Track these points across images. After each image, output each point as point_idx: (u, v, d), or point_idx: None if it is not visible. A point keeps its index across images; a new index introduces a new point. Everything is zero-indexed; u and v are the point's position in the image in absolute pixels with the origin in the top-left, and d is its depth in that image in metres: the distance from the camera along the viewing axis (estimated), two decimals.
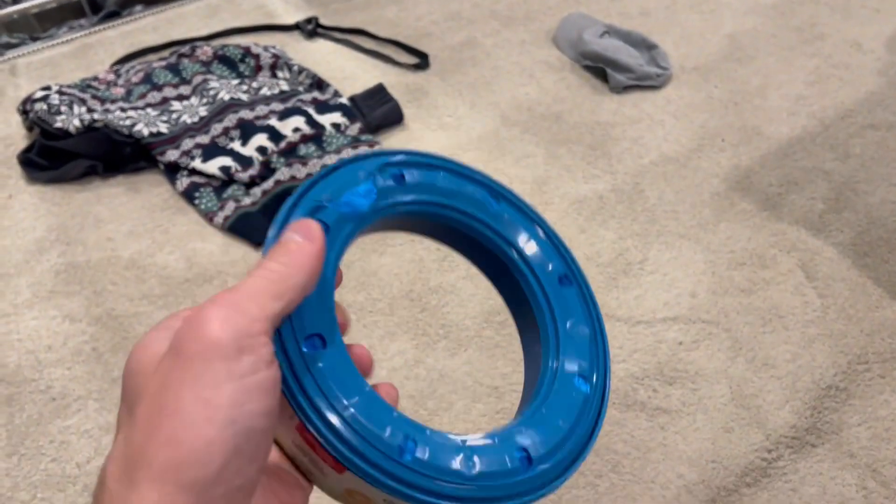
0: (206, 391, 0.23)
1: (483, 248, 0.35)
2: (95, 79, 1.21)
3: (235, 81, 1.22)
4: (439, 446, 0.28)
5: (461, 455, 0.28)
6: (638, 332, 0.92)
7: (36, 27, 1.55)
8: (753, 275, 0.99)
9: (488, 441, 0.29)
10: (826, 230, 1.06)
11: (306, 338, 0.27)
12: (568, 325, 0.33)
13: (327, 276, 0.29)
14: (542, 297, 0.34)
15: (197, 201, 1.04)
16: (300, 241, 0.27)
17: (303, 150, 1.09)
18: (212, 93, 1.17)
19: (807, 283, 0.98)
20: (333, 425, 0.27)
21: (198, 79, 1.21)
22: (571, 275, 0.34)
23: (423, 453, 0.28)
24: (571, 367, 0.32)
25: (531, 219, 0.35)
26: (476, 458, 0.28)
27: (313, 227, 0.28)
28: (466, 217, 0.34)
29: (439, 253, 0.99)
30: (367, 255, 0.98)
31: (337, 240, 0.30)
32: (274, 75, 1.25)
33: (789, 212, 1.09)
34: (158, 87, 1.20)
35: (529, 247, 0.34)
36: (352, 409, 0.27)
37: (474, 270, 0.34)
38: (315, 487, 0.31)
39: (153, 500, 0.22)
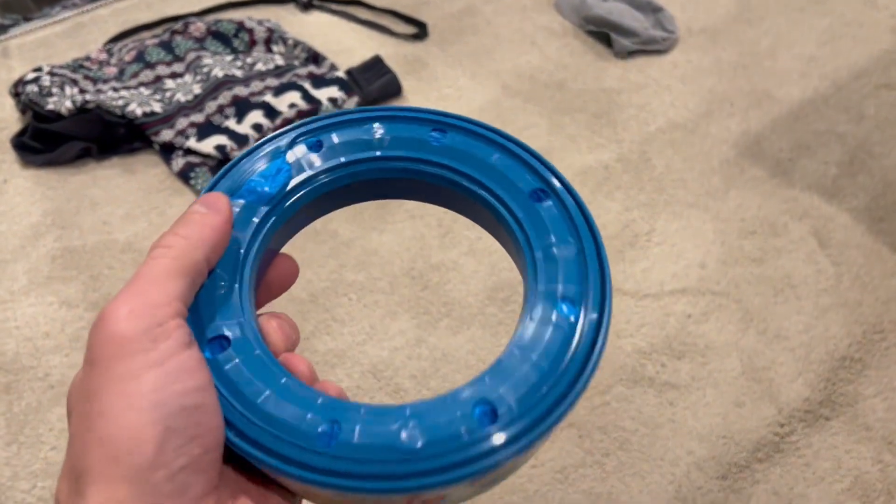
0: (127, 385, 0.23)
1: (432, 187, 0.31)
2: (87, 58, 1.19)
3: (229, 57, 1.19)
4: (374, 421, 0.24)
5: (401, 425, 0.24)
6: (645, 305, 0.89)
7: (31, 7, 1.52)
8: (764, 243, 0.96)
9: (440, 401, 0.24)
10: (840, 195, 1.03)
11: (208, 342, 0.25)
12: (550, 245, 0.28)
13: (236, 268, 0.27)
14: (512, 220, 0.29)
15: (193, 181, 1.02)
16: (204, 211, 0.26)
17: None
18: (206, 70, 1.15)
19: (820, 251, 0.96)
20: (245, 433, 0.24)
21: (191, 56, 1.18)
22: (547, 187, 0.30)
23: (352, 435, 0.24)
24: (552, 291, 0.27)
25: (490, 139, 0.31)
26: (422, 424, 0.24)
27: (220, 198, 0.27)
28: (405, 163, 0.30)
29: (440, 229, 0.97)
30: (366, 234, 0.96)
31: (243, 232, 0.27)
32: (269, 50, 1.22)
33: (801, 177, 1.05)
34: (151, 66, 1.17)
35: (487, 170, 0.30)
36: (263, 407, 0.25)
37: (477, 247, 0.31)
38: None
39: (98, 499, 0.22)
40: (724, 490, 0.75)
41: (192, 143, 1.05)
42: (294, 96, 1.10)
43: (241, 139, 1.05)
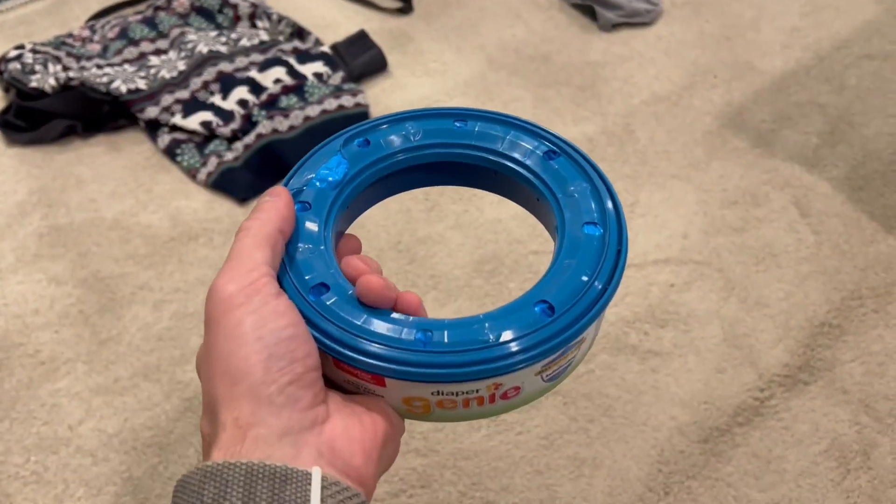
0: (232, 331, 0.29)
1: (463, 165, 0.38)
2: (70, 36, 1.18)
3: (214, 33, 1.18)
4: (457, 327, 0.30)
5: (480, 326, 0.30)
6: (628, 275, 0.91)
7: None
8: (746, 213, 0.98)
9: (506, 308, 0.31)
10: (820, 165, 1.04)
11: (310, 289, 0.32)
12: (566, 188, 0.35)
13: (321, 238, 0.33)
14: (534, 177, 0.36)
15: (179, 158, 1.02)
16: (269, 198, 0.34)
17: (284, 101, 1.07)
18: (190, 46, 1.14)
19: (800, 220, 0.97)
20: (356, 346, 0.30)
21: (175, 32, 1.18)
22: (557, 148, 0.37)
23: (442, 337, 0.30)
24: (578, 218, 0.34)
25: (504, 121, 0.38)
26: (497, 324, 0.30)
27: (279, 188, 0.35)
28: (440, 149, 0.37)
29: (427, 203, 0.97)
30: None
31: (321, 212, 0.34)
32: (253, 25, 1.22)
33: (783, 148, 1.06)
34: (135, 42, 1.16)
35: (507, 144, 0.37)
36: (366, 327, 0.31)
37: (463, 220, 0.37)
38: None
39: (228, 417, 0.28)
40: (705, 453, 0.77)
41: (177, 119, 1.05)
42: (279, 72, 1.10)
43: (226, 115, 1.05)
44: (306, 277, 0.32)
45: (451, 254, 0.92)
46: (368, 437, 0.31)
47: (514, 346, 0.30)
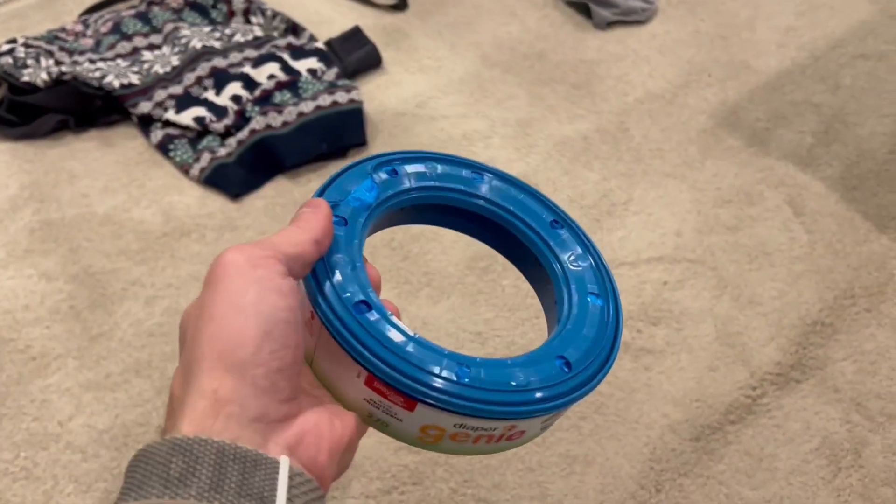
0: (233, 297, 0.28)
1: (475, 215, 0.40)
2: (63, 30, 1.17)
3: (207, 28, 1.18)
4: (490, 367, 0.32)
5: (510, 370, 0.32)
6: (622, 273, 0.90)
7: None
8: (740, 212, 0.98)
9: (529, 357, 0.33)
10: (814, 164, 1.04)
11: (353, 305, 0.32)
12: (569, 258, 0.38)
13: (358, 256, 0.34)
14: (540, 241, 0.39)
15: (172, 154, 1.02)
16: (309, 210, 0.34)
17: (278, 97, 1.06)
18: (183, 41, 1.14)
19: (794, 219, 0.97)
20: (397, 367, 0.31)
21: (168, 27, 1.17)
22: (560, 219, 0.40)
23: (479, 374, 0.32)
24: (583, 287, 0.37)
25: (515, 184, 0.40)
26: (524, 371, 0.32)
27: (319, 201, 0.34)
28: (458, 194, 0.39)
29: None
30: None
31: (355, 229, 0.35)
32: (247, 21, 1.21)
33: (777, 147, 1.07)
34: (128, 37, 1.16)
35: (517, 204, 0.39)
36: (408, 350, 0.31)
37: None
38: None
39: (207, 386, 0.27)
40: (697, 451, 0.77)
41: (170, 115, 1.04)
42: (273, 67, 1.10)
43: (219, 111, 1.05)
44: (348, 293, 0.32)
45: (445, 251, 0.92)
46: (336, 437, 0.30)
47: (539, 394, 0.32)
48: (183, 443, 0.26)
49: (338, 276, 0.33)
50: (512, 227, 0.39)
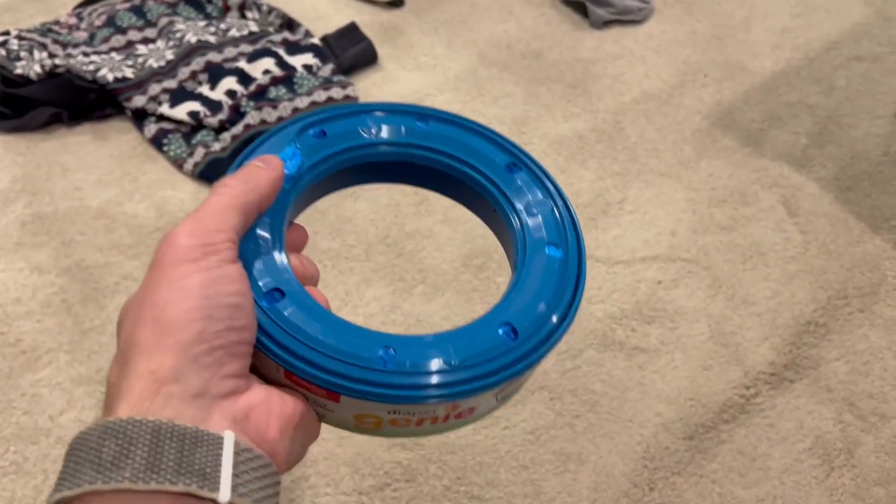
0: (179, 282, 0.27)
1: (421, 167, 0.36)
2: (57, 23, 1.17)
3: (203, 23, 1.17)
4: (417, 346, 0.29)
5: (441, 347, 0.29)
6: (616, 272, 0.90)
7: None
8: (734, 212, 0.98)
9: (468, 328, 0.30)
10: (809, 165, 1.04)
11: (264, 294, 0.30)
12: (527, 205, 0.34)
13: (275, 237, 0.31)
14: (495, 188, 0.35)
15: (166, 148, 1.01)
16: (262, 165, 0.31)
17: (273, 92, 1.06)
18: (178, 35, 1.13)
19: (788, 220, 0.97)
20: (312, 360, 0.29)
21: (163, 21, 1.16)
22: (518, 161, 0.36)
23: (404, 356, 0.29)
24: (540, 239, 0.33)
25: (465, 126, 0.36)
26: (457, 346, 0.30)
27: (275, 158, 0.32)
28: (397, 148, 0.35)
29: (416, 197, 0.97)
30: (341, 201, 0.96)
31: (274, 209, 0.32)
32: (243, 16, 1.21)
33: (772, 147, 1.07)
34: (122, 31, 1.15)
35: (468, 150, 0.36)
36: (324, 340, 0.29)
37: (451, 214, 0.35)
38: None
39: (145, 368, 0.26)
40: (690, 450, 0.77)
41: (164, 109, 1.04)
42: (268, 63, 1.09)
43: (214, 105, 1.04)
44: (260, 283, 0.30)
45: (440, 248, 0.92)
46: (287, 412, 0.29)
47: (476, 371, 0.29)
48: (116, 425, 0.25)
49: (252, 263, 0.30)
50: (463, 175, 0.36)
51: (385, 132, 0.36)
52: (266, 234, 0.31)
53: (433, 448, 0.76)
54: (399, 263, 0.90)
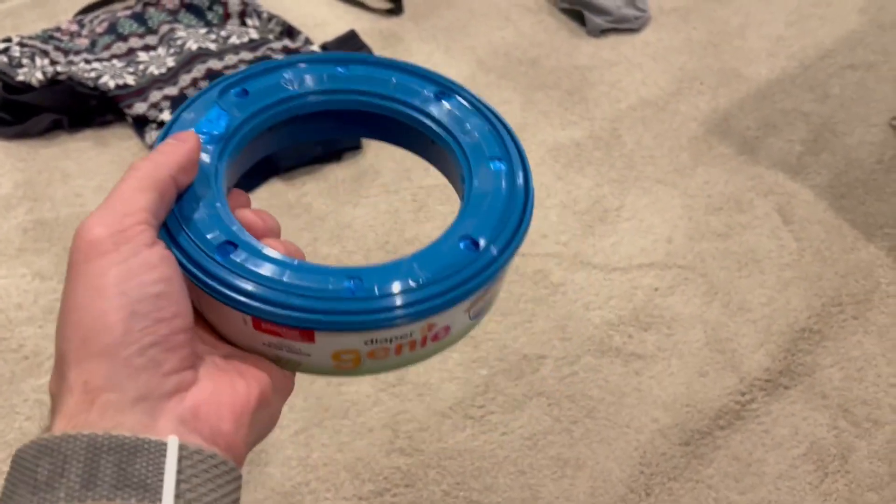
0: (94, 280, 0.26)
1: (352, 113, 0.36)
2: (58, 29, 1.17)
3: (203, 30, 1.18)
4: (383, 272, 0.30)
5: (406, 268, 0.30)
6: (613, 278, 0.91)
7: None
8: (730, 219, 0.99)
9: (430, 248, 0.31)
10: (803, 173, 1.06)
11: (216, 248, 0.29)
12: (462, 126, 0.35)
13: (215, 194, 0.31)
14: (427, 118, 0.35)
15: None
16: (172, 141, 0.30)
17: None
18: (179, 42, 1.14)
19: (783, 227, 0.98)
20: (280, 301, 0.28)
21: (164, 28, 1.17)
22: (446, 89, 0.36)
23: (372, 283, 0.29)
24: (482, 155, 0.34)
25: (386, 65, 0.36)
26: (425, 264, 0.30)
27: (188, 132, 0.31)
28: (322, 96, 0.35)
29: (415, 204, 0.98)
30: (340, 207, 0.97)
31: (208, 165, 0.32)
32: (243, 23, 1.22)
33: (767, 155, 1.08)
34: (124, 38, 1.16)
35: (392, 87, 0.36)
36: (288, 281, 0.29)
37: (450, 220, 0.36)
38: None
39: (76, 380, 0.25)
40: (686, 456, 0.77)
41: (165, 116, 1.04)
42: None
43: None
44: (209, 237, 0.29)
45: None
46: (240, 401, 0.28)
47: (445, 284, 0.29)
48: (50, 442, 0.24)
49: (195, 222, 0.30)
50: (392, 112, 0.35)
51: (308, 82, 0.35)
52: (206, 195, 0.31)
53: (432, 453, 0.76)
54: None
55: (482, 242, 0.31)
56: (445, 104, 0.35)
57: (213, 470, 0.26)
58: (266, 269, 0.29)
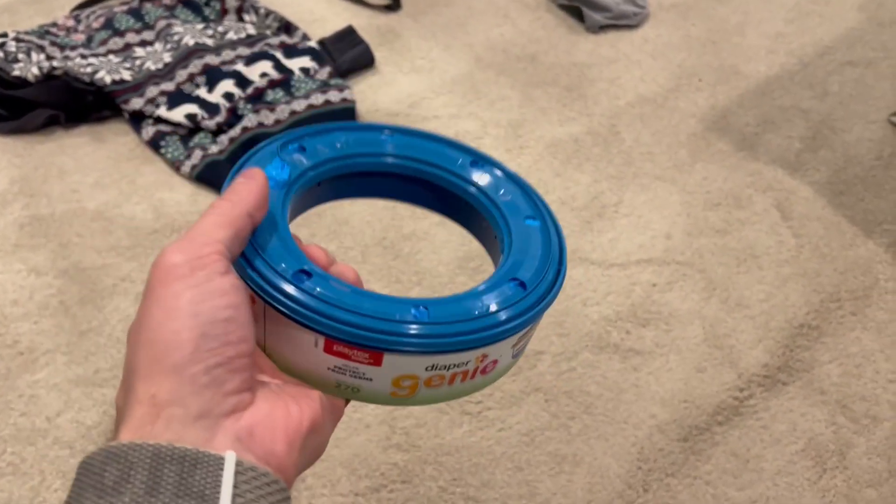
0: (168, 302, 0.27)
1: (398, 176, 0.39)
2: (54, 25, 1.17)
3: (200, 26, 1.18)
4: (447, 303, 0.32)
5: (468, 301, 0.33)
6: (612, 274, 0.91)
7: None
8: (729, 215, 0.99)
9: (485, 286, 0.34)
10: (802, 169, 1.05)
11: (292, 275, 0.31)
12: (496, 192, 0.39)
13: (285, 232, 0.33)
14: (464, 182, 0.39)
15: (163, 150, 1.02)
16: (244, 180, 0.32)
17: (270, 95, 1.06)
18: (176, 38, 1.14)
19: (782, 223, 0.98)
20: (353, 322, 0.30)
21: (161, 23, 1.17)
22: (478, 158, 0.40)
23: (438, 311, 0.32)
24: (516, 213, 0.38)
25: (426, 137, 0.40)
26: (482, 299, 0.33)
27: (255, 170, 0.33)
28: (372, 158, 0.39)
29: None
30: (338, 204, 0.96)
31: (276, 208, 0.34)
32: (240, 19, 1.21)
33: (766, 151, 1.08)
34: (120, 33, 1.15)
35: (433, 154, 0.39)
36: (360, 304, 0.31)
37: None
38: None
39: (144, 393, 0.27)
40: (684, 451, 0.77)
41: (162, 111, 1.04)
42: (266, 66, 1.10)
43: (211, 108, 1.05)
44: (283, 266, 0.32)
45: (436, 251, 0.93)
46: (293, 425, 0.29)
47: (502, 315, 0.32)
48: (117, 450, 0.25)
49: (270, 253, 0.32)
50: (433, 177, 0.39)
51: (357, 145, 0.39)
52: (277, 231, 0.33)
53: (429, 449, 0.76)
54: (396, 265, 0.91)
55: (528, 284, 0.34)
56: (480, 171, 0.39)
57: (265, 487, 0.27)
58: (339, 294, 0.31)
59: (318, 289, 0.31)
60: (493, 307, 0.32)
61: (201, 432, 0.27)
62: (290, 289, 0.31)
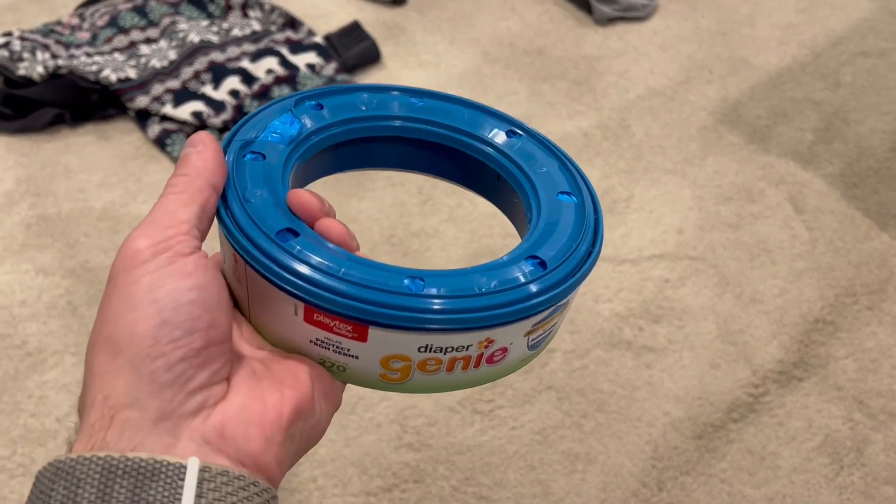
0: (126, 289, 0.25)
1: (421, 142, 0.36)
2: (59, 23, 1.16)
3: (205, 23, 1.17)
4: (448, 276, 0.28)
5: (473, 277, 0.28)
6: (623, 270, 0.90)
7: None
8: (741, 209, 0.97)
9: (497, 262, 0.30)
10: (815, 161, 1.04)
11: (276, 234, 0.28)
12: (532, 164, 0.35)
13: (280, 189, 0.30)
14: (497, 153, 0.35)
15: (169, 148, 1.01)
16: (194, 149, 0.29)
17: (276, 92, 1.05)
18: (181, 35, 1.13)
19: (795, 217, 0.97)
20: (337, 289, 0.27)
21: (166, 21, 1.16)
22: (516, 127, 0.36)
23: (435, 284, 0.28)
24: (552, 188, 0.34)
25: (461, 102, 0.37)
26: (490, 276, 0.29)
27: (202, 134, 0.30)
28: (396, 121, 0.35)
29: (421, 196, 0.97)
30: (345, 200, 0.96)
31: (276, 163, 0.31)
32: (245, 15, 1.20)
33: (778, 144, 1.06)
34: (125, 31, 1.15)
35: (467, 122, 0.36)
36: (347, 271, 0.27)
37: (456, 213, 0.36)
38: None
39: (98, 395, 0.24)
40: (699, 449, 0.76)
41: (168, 109, 1.03)
42: (271, 62, 1.09)
43: (217, 105, 1.04)
44: (271, 223, 0.29)
45: (445, 247, 0.92)
46: (271, 417, 0.26)
47: (509, 296, 0.28)
48: (65, 465, 0.23)
49: (258, 210, 0.29)
50: (464, 146, 0.36)
51: (382, 107, 0.35)
52: (272, 189, 0.30)
53: (441, 449, 0.75)
54: (404, 262, 0.90)
55: (549, 264, 0.30)
56: (516, 140, 0.35)
57: (240, 492, 0.24)
58: (325, 258, 0.28)
59: (303, 248, 0.28)
60: (502, 285, 0.28)
61: (162, 437, 0.24)
62: (269, 246, 0.28)
